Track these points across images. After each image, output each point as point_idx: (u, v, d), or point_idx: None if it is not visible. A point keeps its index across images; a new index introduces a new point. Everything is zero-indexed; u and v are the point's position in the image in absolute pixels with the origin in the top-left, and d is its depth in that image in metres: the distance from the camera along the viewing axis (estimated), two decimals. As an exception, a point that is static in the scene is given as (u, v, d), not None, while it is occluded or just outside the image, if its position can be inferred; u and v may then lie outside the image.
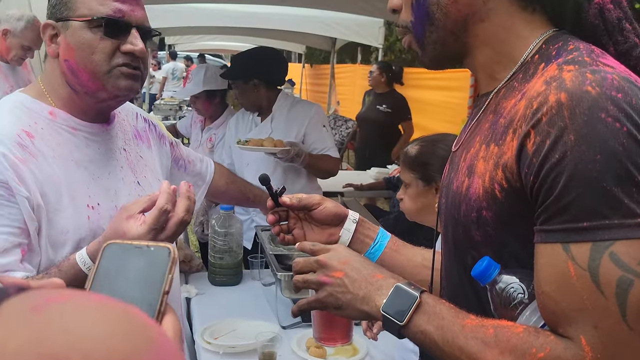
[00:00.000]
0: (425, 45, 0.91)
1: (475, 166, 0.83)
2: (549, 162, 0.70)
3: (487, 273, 0.78)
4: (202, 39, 10.83)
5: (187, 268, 2.37)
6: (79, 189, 1.17)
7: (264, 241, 2.17)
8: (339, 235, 1.16)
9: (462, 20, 0.86)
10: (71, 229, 1.13)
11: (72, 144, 1.19)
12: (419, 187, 1.84)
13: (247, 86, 2.70)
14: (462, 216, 0.85)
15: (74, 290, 0.30)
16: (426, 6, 0.87)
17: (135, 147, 1.37)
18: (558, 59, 0.77)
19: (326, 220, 1.16)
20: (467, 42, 0.88)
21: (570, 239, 0.69)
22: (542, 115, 0.71)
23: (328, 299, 0.92)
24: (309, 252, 1.01)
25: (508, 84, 0.84)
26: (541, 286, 0.73)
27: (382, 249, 1.15)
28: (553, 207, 0.70)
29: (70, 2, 1.16)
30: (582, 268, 0.68)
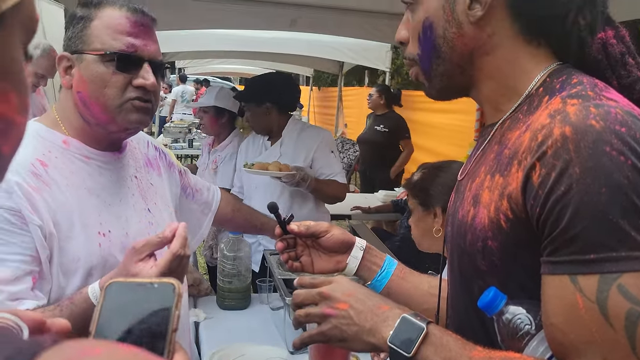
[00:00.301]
0: (432, 78, 0.92)
1: (480, 196, 0.84)
2: (554, 194, 0.70)
3: (493, 304, 0.78)
4: (212, 63, 10.94)
5: (196, 292, 2.38)
6: (91, 217, 1.18)
7: (273, 265, 2.18)
8: (346, 262, 1.16)
9: (467, 53, 0.87)
10: (82, 256, 1.14)
11: (84, 172, 1.21)
12: (420, 212, 1.88)
13: (259, 109, 2.74)
14: (468, 245, 0.85)
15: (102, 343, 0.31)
16: (433, 39, 0.88)
17: (146, 175, 1.39)
18: (562, 92, 0.78)
19: (333, 247, 1.17)
20: (472, 75, 0.89)
21: (578, 270, 0.69)
22: (547, 147, 0.72)
23: (333, 332, 0.90)
24: (309, 285, 0.99)
25: (513, 115, 0.86)
26: (549, 318, 0.73)
27: (389, 276, 1.14)
28: (560, 239, 0.71)
29: (85, 36, 1.18)
30: (591, 300, 0.68)
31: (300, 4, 4.01)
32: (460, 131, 6.46)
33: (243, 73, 16.10)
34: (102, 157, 1.25)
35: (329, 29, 4.33)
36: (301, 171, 2.58)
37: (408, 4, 0.92)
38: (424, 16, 0.89)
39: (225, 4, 3.83)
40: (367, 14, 4.19)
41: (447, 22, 0.87)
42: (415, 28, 0.91)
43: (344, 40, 5.86)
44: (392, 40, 4.73)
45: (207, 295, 2.41)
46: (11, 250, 1.05)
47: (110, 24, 1.18)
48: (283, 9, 4.00)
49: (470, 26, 0.85)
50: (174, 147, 7.90)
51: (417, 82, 0.97)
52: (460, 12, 0.85)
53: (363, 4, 4.05)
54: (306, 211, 2.79)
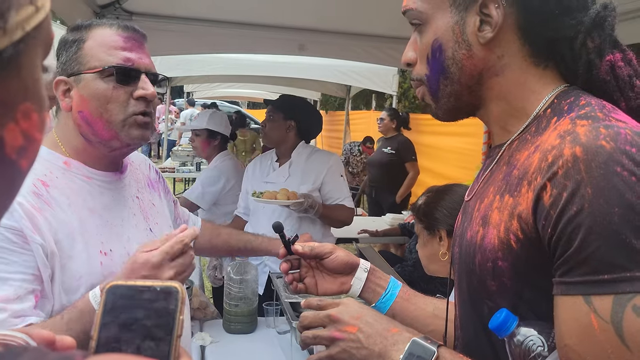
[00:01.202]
0: (440, 98, 0.92)
1: (489, 216, 0.83)
2: (566, 215, 0.70)
3: (505, 325, 0.78)
4: (220, 87, 11.07)
5: (202, 315, 2.36)
6: (93, 236, 1.19)
7: (279, 289, 2.17)
8: (350, 284, 1.16)
9: (477, 74, 0.88)
10: (84, 274, 1.15)
11: (85, 192, 1.22)
12: (425, 236, 1.89)
13: (283, 122, 2.80)
14: (477, 266, 0.85)
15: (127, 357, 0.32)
16: (442, 60, 0.88)
17: (148, 195, 1.40)
18: (570, 114, 0.78)
19: (337, 269, 1.17)
20: (481, 96, 0.90)
21: (592, 291, 0.69)
22: (558, 168, 0.72)
23: (341, 355, 0.90)
24: (316, 307, 0.99)
25: (521, 136, 0.86)
26: (564, 339, 0.72)
27: (394, 298, 1.14)
28: (573, 260, 0.70)
29: (80, 57, 1.21)
30: (605, 321, 0.68)
31: (308, 28, 4.05)
32: (467, 154, 6.46)
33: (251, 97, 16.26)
34: (104, 177, 1.26)
35: (337, 53, 4.37)
36: (309, 198, 2.61)
37: (416, 25, 0.92)
38: (433, 37, 0.89)
39: (234, 29, 3.88)
40: (374, 38, 4.23)
41: (457, 43, 0.87)
42: (424, 49, 0.91)
43: (351, 64, 5.92)
44: (398, 64, 4.76)
45: (214, 319, 2.39)
46: (13, 269, 1.06)
47: (103, 41, 1.21)
48: (291, 33, 4.05)
49: (480, 47, 0.86)
50: (182, 170, 7.95)
51: (424, 103, 0.97)
52: (470, 34, 0.86)
53: (370, 28, 4.09)
54: (313, 233, 2.78)
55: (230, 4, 3.48)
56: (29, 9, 0.35)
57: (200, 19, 3.77)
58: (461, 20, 0.86)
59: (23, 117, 0.36)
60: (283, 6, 3.55)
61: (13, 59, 0.35)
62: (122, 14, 3.49)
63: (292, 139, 2.84)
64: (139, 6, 3.49)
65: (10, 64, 0.35)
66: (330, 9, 3.56)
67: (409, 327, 0.91)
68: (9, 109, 0.35)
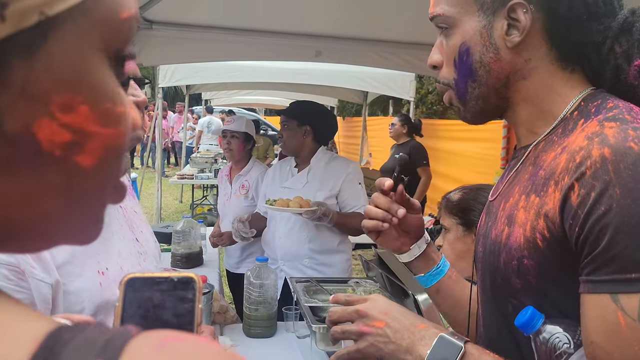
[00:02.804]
0: (468, 101, 0.94)
1: (515, 215, 0.85)
2: (594, 215, 0.71)
3: (531, 323, 0.79)
4: (238, 94, 11.14)
5: (222, 320, 2.38)
6: (89, 255, 1.13)
7: (299, 293, 2.18)
8: (409, 247, 1.17)
9: (504, 77, 0.89)
10: (86, 298, 1.09)
11: None
12: (459, 232, 1.86)
13: (299, 129, 2.81)
14: (502, 264, 0.86)
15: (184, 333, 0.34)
16: (470, 64, 0.90)
17: (129, 203, 1.35)
18: (598, 116, 0.80)
19: (411, 229, 1.17)
20: (508, 98, 0.92)
21: (619, 289, 0.70)
22: (586, 168, 0.73)
23: (369, 349, 0.92)
24: (344, 302, 1.01)
25: (547, 137, 0.87)
26: (590, 337, 0.73)
27: (442, 275, 1.16)
28: (600, 259, 0.71)
29: None
30: (633, 319, 0.69)
31: (325, 35, 4.08)
32: (486, 159, 6.43)
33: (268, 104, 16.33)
34: None
35: (353, 59, 4.38)
36: (322, 206, 2.61)
37: (442, 28, 0.93)
38: (460, 41, 0.90)
39: (251, 37, 3.92)
40: (390, 44, 4.24)
41: (484, 46, 0.88)
42: (450, 52, 0.92)
43: (368, 70, 5.93)
44: (416, 70, 4.76)
45: (234, 323, 2.41)
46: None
47: None
48: (308, 40, 4.08)
49: (507, 51, 0.87)
50: (201, 177, 8.01)
51: (450, 106, 0.99)
52: (497, 37, 0.87)
53: (387, 34, 4.10)
54: (330, 239, 2.79)
55: (248, 12, 3.52)
56: None
57: (218, 27, 3.82)
58: (489, 24, 0.87)
59: (62, 110, 0.33)
60: (300, 13, 3.58)
61: (33, 47, 0.32)
62: (143, 22, 3.55)
63: (310, 145, 2.85)
64: (159, 15, 3.54)
65: (29, 53, 0.32)
66: (346, 15, 3.58)
67: (436, 324, 0.92)
68: (39, 102, 0.32)
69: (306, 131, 2.81)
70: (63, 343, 0.31)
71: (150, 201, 8.56)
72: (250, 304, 2.25)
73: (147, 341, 0.32)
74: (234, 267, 3.47)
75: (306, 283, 2.34)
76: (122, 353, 0.31)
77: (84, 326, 0.33)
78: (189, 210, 8.64)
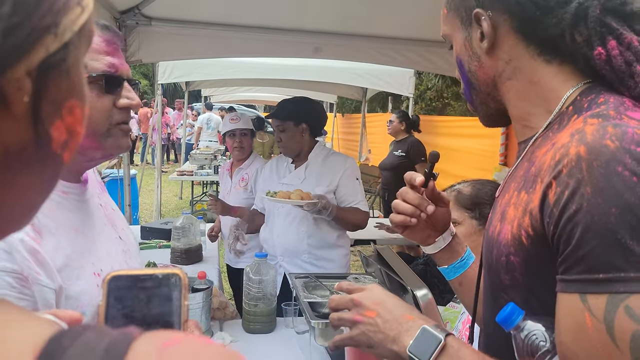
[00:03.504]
0: (476, 107, 1.00)
1: (506, 212, 0.86)
2: (567, 213, 0.71)
3: (510, 319, 0.79)
4: (237, 91, 11.14)
5: (222, 315, 2.39)
6: (84, 258, 1.10)
7: (298, 289, 2.19)
8: (435, 240, 1.18)
9: (491, 82, 0.93)
10: (85, 301, 1.06)
11: (66, 209, 1.11)
12: (473, 226, 1.84)
13: (296, 129, 2.80)
14: (494, 260, 0.87)
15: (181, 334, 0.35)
16: (465, 74, 0.97)
17: (107, 201, 1.32)
18: (587, 112, 0.79)
19: (440, 221, 1.17)
20: (501, 100, 0.94)
21: (587, 290, 0.70)
22: (563, 166, 0.73)
23: (360, 337, 0.95)
24: (346, 290, 1.05)
25: (544, 133, 0.87)
26: (560, 336, 0.74)
27: (467, 267, 1.17)
28: (571, 258, 0.71)
29: None
30: (598, 320, 0.68)
31: (324, 31, 4.08)
32: (484, 155, 6.44)
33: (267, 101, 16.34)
34: (75, 190, 1.16)
35: (352, 55, 4.38)
36: (322, 199, 2.61)
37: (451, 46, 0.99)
38: (455, 55, 0.98)
39: (250, 33, 3.93)
40: (389, 40, 4.25)
41: (469, 56, 0.94)
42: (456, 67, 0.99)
43: (367, 66, 5.93)
44: (415, 66, 4.76)
45: (233, 319, 2.42)
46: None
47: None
48: (307, 36, 4.08)
49: (486, 57, 0.91)
50: (200, 173, 8.02)
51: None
52: (476, 46, 0.92)
53: (386, 30, 4.10)
54: (328, 233, 2.80)
55: (247, 9, 3.53)
56: (77, 10, 0.37)
57: (217, 23, 3.82)
58: (468, 35, 0.93)
59: (68, 113, 0.37)
60: (298, 10, 3.58)
61: (63, 59, 0.36)
62: (142, 19, 3.55)
63: (308, 141, 2.85)
64: (158, 11, 3.55)
65: (61, 64, 0.36)
66: (345, 11, 3.58)
67: (424, 316, 0.94)
68: (58, 107, 0.37)
69: (303, 129, 2.81)
70: (62, 350, 0.31)
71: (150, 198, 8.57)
72: (249, 299, 2.26)
73: (148, 346, 0.33)
74: (234, 262, 3.48)
75: (305, 279, 2.35)
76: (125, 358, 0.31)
77: (82, 330, 0.33)
78: (189, 206, 8.65)
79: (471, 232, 1.85)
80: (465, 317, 1.85)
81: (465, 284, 1.16)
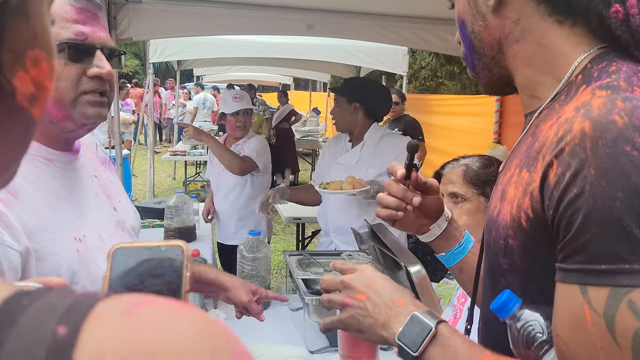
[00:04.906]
0: (478, 73, 0.92)
1: (507, 191, 0.80)
2: (567, 197, 0.65)
3: (506, 307, 0.75)
4: (229, 70, 11.04)
5: (216, 293, 2.40)
6: (64, 223, 1.10)
7: (292, 266, 2.19)
8: (429, 228, 1.12)
9: (496, 44, 0.85)
10: (63, 265, 1.07)
11: (49, 176, 1.12)
12: (481, 203, 1.78)
13: (348, 106, 2.82)
14: (492, 242, 0.82)
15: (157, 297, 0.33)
16: (467, 36, 0.88)
17: (104, 173, 1.32)
18: (597, 82, 0.72)
19: (432, 209, 1.11)
20: (507, 66, 0.86)
21: (588, 281, 0.64)
22: (566, 144, 0.66)
23: (350, 321, 0.92)
24: (339, 270, 1.00)
25: (550, 104, 0.80)
26: (557, 329, 0.69)
27: (466, 252, 1.11)
28: (571, 245, 0.66)
29: None
30: (598, 314, 0.63)
31: (317, 8, 4.03)
32: (478, 134, 6.44)
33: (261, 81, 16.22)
34: (62, 158, 1.16)
35: (345, 33, 4.34)
36: (375, 185, 2.61)
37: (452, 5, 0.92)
38: (457, 15, 0.89)
39: (242, 10, 3.88)
40: (383, 17, 4.20)
41: (473, 16, 0.86)
42: (457, 28, 0.91)
43: (360, 44, 5.88)
44: (408, 44, 4.73)
45: (227, 297, 2.42)
46: None
47: (54, 12, 1.03)
48: (299, 13, 4.03)
49: (493, 16, 0.83)
50: (193, 153, 7.98)
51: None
52: (481, 4, 0.84)
53: (379, 7, 4.06)
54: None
55: (239, -15, 3.48)
56: None
57: (208, 0, 3.77)
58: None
59: (32, 64, 0.36)
60: (291, -14, 3.53)
61: (21, 5, 0.35)
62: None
63: (362, 121, 2.84)
64: (148, -12, 3.49)
65: (18, 10, 0.34)
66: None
67: (416, 301, 0.89)
68: (19, 56, 0.35)
69: (356, 107, 2.81)
70: (20, 309, 0.30)
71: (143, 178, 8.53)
72: (243, 277, 2.26)
73: (114, 306, 0.30)
74: (228, 239, 3.49)
75: (299, 256, 2.35)
76: (87, 319, 0.29)
77: (46, 290, 0.32)
78: (182, 187, 8.63)
79: (478, 210, 1.79)
80: (461, 292, 1.84)
81: (466, 270, 1.10)
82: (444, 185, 1.84)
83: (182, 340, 0.29)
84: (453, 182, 1.80)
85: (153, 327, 0.29)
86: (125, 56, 1.32)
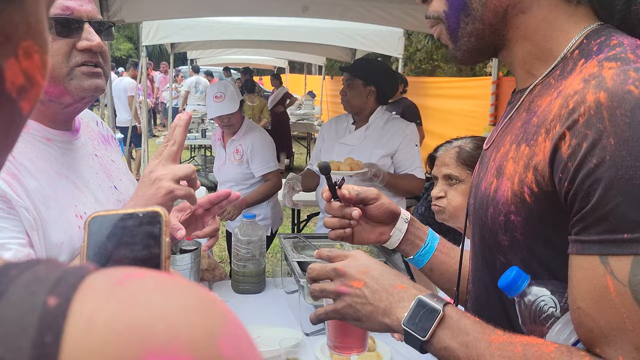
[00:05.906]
0: (459, 38, 0.85)
1: (504, 167, 0.79)
2: (585, 168, 0.64)
3: (515, 284, 0.74)
4: (224, 53, 10.96)
5: (211, 276, 2.39)
6: (65, 200, 1.13)
7: (287, 249, 2.19)
8: (389, 234, 1.11)
9: (502, 11, 0.81)
10: (65, 240, 1.09)
11: (49, 155, 1.15)
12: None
13: (363, 89, 2.80)
14: (490, 219, 0.81)
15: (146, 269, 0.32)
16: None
17: (105, 152, 1.34)
18: (599, 55, 0.71)
19: (380, 217, 1.11)
20: (504, 35, 0.83)
21: (609, 251, 0.63)
22: (579, 115, 0.65)
23: (347, 310, 0.88)
24: (326, 258, 0.96)
25: (544, 80, 0.79)
26: (577, 302, 0.68)
27: (432, 251, 1.10)
28: (590, 217, 0.65)
29: None
30: (622, 283, 0.62)
31: (311, -11, 4.00)
32: (474, 116, 6.43)
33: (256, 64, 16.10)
34: (62, 137, 1.19)
35: (340, 13, 4.31)
36: (373, 168, 2.60)
37: None
38: None
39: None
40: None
41: None
42: None
43: (356, 26, 5.84)
44: (404, 25, 4.70)
45: (222, 280, 2.42)
46: (6, 235, 1.00)
47: None
48: (294, -6, 3.99)
49: None
50: (188, 137, 7.94)
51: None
52: None
53: (375, -12, 4.02)
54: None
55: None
56: None
57: (201, -19, 3.72)
58: None
59: (24, 54, 0.35)
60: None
61: None
62: (123, -24, 3.44)
63: (372, 104, 2.83)
64: (139, -32, 3.44)
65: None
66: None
67: (417, 284, 0.87)
68: (11, 42, 0.34)
69: (370, 91, 2.80)
70: (9, 280, 0.29)
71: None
72: (238, 260, 2.25)
73: (105, 278, 0.30)
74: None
75: (295, 239, 2.35)
76: (77, 290, 0.29)
77: (34, 262, 0.31)
78: (177, 171, 8.59)
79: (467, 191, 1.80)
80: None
81: (436, 269, 1.10)
82: (437, 168, 1.85)
83: (174, 312, 0.29)
84: (447, 165, 1.80)
85: (145, 298, 0.29)
86: (114, 27, 1.32)
